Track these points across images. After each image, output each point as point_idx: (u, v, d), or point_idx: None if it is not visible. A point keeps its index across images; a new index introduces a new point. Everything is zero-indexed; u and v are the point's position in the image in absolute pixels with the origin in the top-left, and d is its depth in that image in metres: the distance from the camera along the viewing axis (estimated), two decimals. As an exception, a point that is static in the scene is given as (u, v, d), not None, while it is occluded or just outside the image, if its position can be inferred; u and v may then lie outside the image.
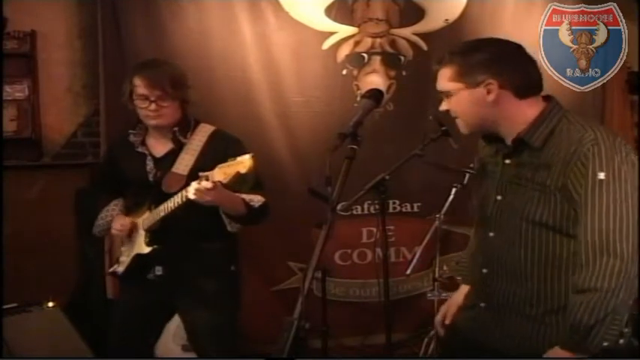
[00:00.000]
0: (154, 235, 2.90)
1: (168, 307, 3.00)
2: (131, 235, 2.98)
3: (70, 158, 4.14)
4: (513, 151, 2.10)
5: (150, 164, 2.95)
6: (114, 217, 3.02)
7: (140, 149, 2.98)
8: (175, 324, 3.27)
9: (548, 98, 2.10)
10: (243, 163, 2.55)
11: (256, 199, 2.88)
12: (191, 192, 2.65)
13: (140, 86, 2.85)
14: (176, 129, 2.93)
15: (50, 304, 3.26)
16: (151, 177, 2.93)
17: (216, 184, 2.60)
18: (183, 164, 2.89)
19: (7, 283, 3.36)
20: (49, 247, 3.92)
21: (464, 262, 2.49)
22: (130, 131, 3.02)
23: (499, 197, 2.13)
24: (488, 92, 2.04)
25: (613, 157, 1.91)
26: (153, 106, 2.85)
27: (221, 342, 2.95)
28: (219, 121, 3.15)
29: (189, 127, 2.98)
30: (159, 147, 2.98)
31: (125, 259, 2.99)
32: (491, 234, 2.15)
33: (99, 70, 3.99)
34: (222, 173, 2.58)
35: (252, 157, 2.54)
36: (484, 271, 2.17)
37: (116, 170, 3.04)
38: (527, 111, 2.06)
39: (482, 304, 2.20)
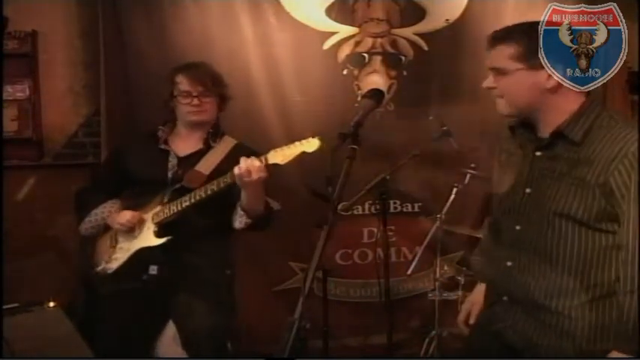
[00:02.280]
0: (164, 228, 2.92)
1: (161, 310, 3.00)
2: (133, 231, 2.99)
3: (71, 158, 4.13)
4: (548, 143, 2.07)
5: (173, 161, 3.00)
6: (112, 214, 3.02)
7: (163, 146, 3.03)
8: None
9: (587, 93, 2.08)
10: (310, 143, 2.61)
11: (275, 203, 2.92)
12: (243, 167, 2.70)
13: (183, 83, 3.01)
14: (211, 131, 3.06)
15: (51, 304, 3.25)
16: (170, 174, 2.97)
17: (269, 167, 2.69)
18: (207, 164, 2.99)
19: (7, 283, 3.35)
20: (49, 247, 3.92)
21: (478, 259, 2.47)
22: (160, 127, 3.10)
23: (528, 190, 2.11)
24: (550, 77, 2.02)
25: None
26: (195, 101, 3.00)
27: (213, 346, 2.95)
28: (220, 121, 3.15)
29: (219, 133, 3.10)
30: (184, 146, 3.06)
31: (120, 256, 2.99)
32: (517, 227, 2.13)
33: (100, 70, 3.99)
34: (279, 156, 2.67)
35: (321, 139, 2.57)
36: (508, 264, 2.14)
37: (128, 166, 3.07)
38: (572, 102, 2.05)
39: (504, 298, 2.18)
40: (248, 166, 2.70)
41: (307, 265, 1.83)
